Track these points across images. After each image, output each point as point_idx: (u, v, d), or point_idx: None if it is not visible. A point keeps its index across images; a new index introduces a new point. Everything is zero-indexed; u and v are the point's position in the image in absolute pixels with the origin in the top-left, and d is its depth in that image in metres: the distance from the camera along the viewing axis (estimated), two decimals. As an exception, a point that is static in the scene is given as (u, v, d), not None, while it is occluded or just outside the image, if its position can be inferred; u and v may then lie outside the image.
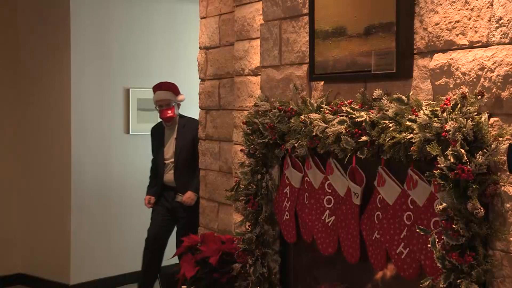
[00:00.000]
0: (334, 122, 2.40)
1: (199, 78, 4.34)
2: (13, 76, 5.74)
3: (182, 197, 4.79)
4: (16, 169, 5.80)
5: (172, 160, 4.91)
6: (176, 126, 4.95)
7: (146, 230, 4.96)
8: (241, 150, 3.06)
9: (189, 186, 4.79)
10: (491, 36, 2.00)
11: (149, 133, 5.24)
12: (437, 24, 2.19)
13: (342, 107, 2.44)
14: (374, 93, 2.31)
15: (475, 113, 1.96)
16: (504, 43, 1.96)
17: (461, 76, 2.08)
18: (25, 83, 5.78)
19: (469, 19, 2.07)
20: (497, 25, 1.98)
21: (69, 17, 5.39)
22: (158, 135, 5.04)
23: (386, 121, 2.18)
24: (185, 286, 3.20)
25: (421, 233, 2.08)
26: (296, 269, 2.98)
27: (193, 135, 4.77)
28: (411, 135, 2.05)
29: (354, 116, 2.32)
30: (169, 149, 4.94)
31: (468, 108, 1.96)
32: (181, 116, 4.98)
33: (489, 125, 1.97)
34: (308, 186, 2.75)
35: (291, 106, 2.71)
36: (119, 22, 5.73)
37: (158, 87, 4.93)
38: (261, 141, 2.83)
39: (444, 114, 1.97)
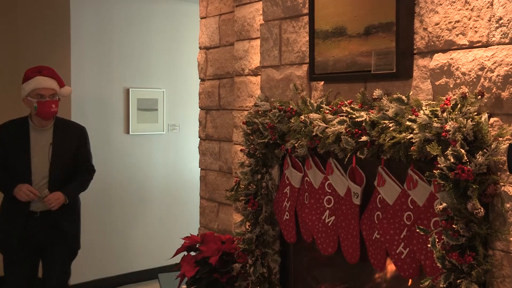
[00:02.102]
0: (334, 122, 2.40)
1: (199, 78, 4.35)
2: (13, 76, 5.74)
3: (45, 193, 3.68)
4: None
5: (46, 175, 3.71)
6: (52, 128, 3.78)
7: (146, 229, 4.91)
8: (241, 150, 3.06)
9: (64, 189, 3.74)
10: (491, 36, 2.00)
11: (150, 133, 5.22)
12: (437, 24, 2.19)
13: (342, 107, 2.44)
14: (374, 93, 2.31)
15: (475, 113, 1.96)
16: (504, 43, 1.96)
17: (461, 76, 2.08)
18: (25, 83, 5.77)
19: (469, 19, 2.07)
20: (497, 25, 1.98)
21: (69, 17, 5.39)
22: (16, 138, 3.72)
23: (386, 121, 2.18)
24: (185, 286, 3.20)
25: (421, 233, 2.08)
26: (296, 269, 2.98)
27: (78, 143, 3.86)
28: (411, 135, 2.05)
29: (354, 116, 2.32)
30: (40, 159, 3.71)
31: (468, 108, 1.96)
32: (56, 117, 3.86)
33: (489, 125, 1.97)
34: (308, 186, 2.75)
35: (291, 106, 2.71)
36: (119, 22, 5.72)
37: (37, 71, 3.75)
38: (261, 141, 2.83)
39: (444, 114, 1.97)
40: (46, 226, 3.75)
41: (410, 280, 2.35)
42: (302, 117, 2.57)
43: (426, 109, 2.05)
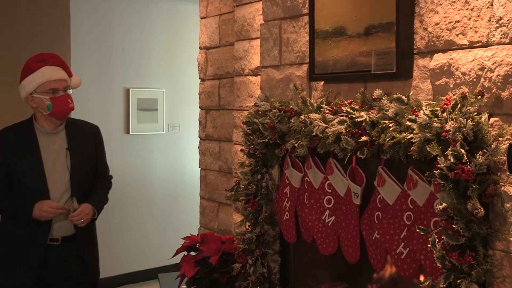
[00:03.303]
0: (334, 122, 2.40)
1: (199, 78, 4.35)
2: (13, 76, 5.74)
3: (75, 206, 2.95)
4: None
5: (67, 188, 2.98)
6: (63, 130, 3.05)
7: (146, 229, 4.91)
8: (241, 150, 3.06)
9: (90, 199, 3.07)
10: (491, 36, 2.00)
11: (150, 133, 5.16)
12: (437, 24, 2.19)
13: (342, 107, 2.44)
14: (374, 93, 2.31)
15: (475, 113, 1.96)
16: (504, 43, 1.96)
17: (461, 76, 2.08)
18: (25, 83, 5.78)
19: (469, 19, 2.07)
20: (497, 25, 1.98)
21: (69, 17, 5.39)
22: (22, 148, 2.96)
23: (386, 121, 2.18)
24: (185, 286, 3.20)
25: (421, 233, 2.08)
26: (296, 269, 2.98)
27: (95, 146, 3.19)
28: (411, 135, 2.05)
29: (354, 116, 2.32)
30: (57, 170, 2.98)
31: (468, 108, 1.96)
32: None
33: (489, 125, 1.97)
34: (308, 186, 2.75)
35: (291, 106, 2.71)
36: (119, 22, 5.73)
37: (40, 60, 2.99)
38: (261, 141, 2.83)
39: (444, 114, 1.97)
40: (68, 256, 3.01)
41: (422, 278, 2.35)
42: (302, 117, 2.57)
43: (426, 109, 2.05)
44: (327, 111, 2.50)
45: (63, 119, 3.02)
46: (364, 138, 2.25)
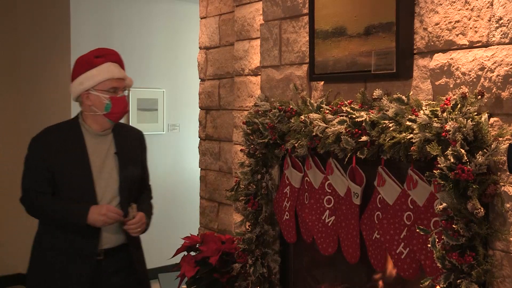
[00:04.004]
0: (334, 122, 2.40)
1: (199, 78, 4.35)
2: (13, 76, 5.74)
3: (134, 214, 2.76)
4: (16, 169, 5.79)
5: (115, 195, 2.78)
6: (111, 132, 2.85)
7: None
8: (241, 150, 3.06)
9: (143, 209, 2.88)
10: (491, 36, 2.00)
11: (150, 133, 5.08)
12: (437, 24, 2.19)
13: (342, 107, 2.44)
14: (374, 93, 2.31)
15: (475, 113, 1.96)
16: (504, 43, 1.96)
17: (461, 76, 2.08)
18: (25, 83, 5.78)
19: (469, 19, 2.07)
20: (497, 25, 1.98)
21: (69, 17, 5.39)
22: (70, 150, 2.74)
23: (386, 121, 2.18)
24: (185, 286, 3.20)
25: (421, 233, 2.08)
26: (296, 269, 2.98)
27: (141, 152, 2.98)
28: (411, 135, 2.05)
29: (354, 116, 2.32)
30: (105, 175, 2.76)
31: (468, 108, 1.96)
32: None
33: (489, 125, 1.97)
34: (308, 186, 2.74)
35: (291, 106, 2.71)
36: (119, 22, 5.73)
37: (100, 55, 2.77)
38: (261, 141, 2.83)
39: (444, 114, 1.97)
40: (118, 268, 2.80)
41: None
42: (302, 117, 2.57)
43: (426, 109, 2.05)
44: (327, 111, 2.50)
45: (118, 121, 2.81)
46: (364, 138, 2.25)
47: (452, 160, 1.91)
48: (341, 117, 2.38)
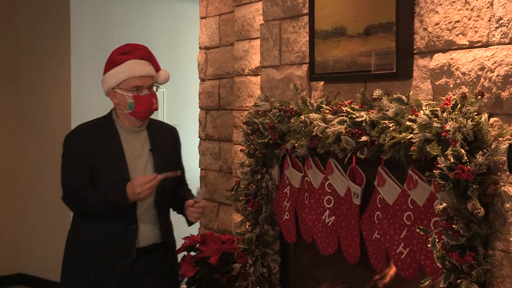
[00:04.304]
0: (334, 122, 2.40)
1: (199, 78, 4.35)
2: (13, 76, 5.74)
3: (202, 197, 2.75)
4: (16, 169, 5.80)
5: (152, 196, 2.68)
6: (145, 129, 2.78)
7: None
8: (241, 150, 3.06)
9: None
10: (491, 36, 2.00)
11: None
12: (437, 24, 2.19)
13: (342, 107, 2.44)
14: (374, 93, 2.31)
15: (475, 113, 1.96)
16: (504, 43, 1.95)
17: (461, 76, 2.08)
18: (25, 83, 5.78)
19: (469, 19, 2.07)
20: (497, 25, 1.98)
21: (69, 17, 5.38)
22: (107, 146, 2.69)
23: (386, 121, 2.18)
24: (185, 286, 3.21)
25: (421, 233, 2.08)
26: (296, 269, 2.98)
27: (175, 149, 2.94)
28: (411, 135, 2.05)
29: (354, 116, 2.32)
30: (141, 172, 2.70)
31: (468, 108, 1.96)
32: None
33: (489, 125, 1.97)
34: (308, 186, 2.74)
35: (291, 106, 2.71)
36: (119, 22, 5.72)
37: (126, 52, 2.73)
38: (261, 141, 2.83)
39: (444, 114, 1.97)
40: (151, 271, 2.72)
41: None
42: (302, 117, 2.57)
43: (426, 109, 2.05)
44: (327, 111, 2.50)
45: (144, 120, 2.73)
46: (364, 138, 2.25)
47: (452, 160, 1.91)
48: (341, 117, 2.38)
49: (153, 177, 2.56)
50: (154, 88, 2.74)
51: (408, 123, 2.08)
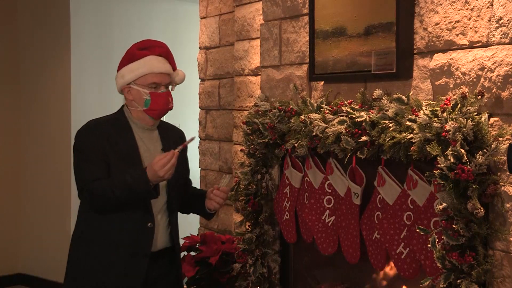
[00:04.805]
0: (334, 122, 2.40)
1: (199, 78, 4.35)
2: (13, 76, 5.74)
3: (225, 182, 2.69)
4: (16, 169, 5.80)
5: (163, 192, 2.61)
6: (156, 128, 2.70)
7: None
8: (241, 150, 3.06)
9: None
10: (491, 36, 2.00)
11: None
12: (437, 24, 2.19)
13: (342, 107, 2.44)
14: (374, 93, 2.31)
15: (475, 113, 1.96)
16: (504, 43, 1.96)
17: (461, 76, 2.08)
18: (25, 83, 5.78)
19: (469, 19, 2.07)
20: (497, 25, 1.98)
21: (69, 17, 5.38)
22: (122, 144, 2.57)
23: (386, 121, 2.18)
24: (185, 286, 3.20)
25: (421, 233, 2.08)
26: (296, 269, 2.98)
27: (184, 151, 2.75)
28: (411, 135, 2.05)
29: (354, 116, 2.32)
30: None
31: (468, 108, 1.96)
32: None
33: (489, 125, 1.97)
34: (308, 186, 2.74)
35: (291, 106, 2.71)
36: (119, 22, 5.72)
37: (144, 47, 2.67)
38: (261, 141, 2.83)
39: (444, 114, 1.97)
40: (161, 277, 2.62)
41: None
42: (302, 117, 2.57)
43: (426, 109, 2.05)
44: (327, 111, 2.50)
45: (158, 118, 2.65)
46: (364, 138, 2.25)
47: (452, 160, 1.91)
48: (341, 117, 2.38)
49: (171, 154, 2.41)
50: (170, 87, 2.66)
51: (408, 123, 2.08)
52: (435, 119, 1.99)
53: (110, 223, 2.52)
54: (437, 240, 2.00)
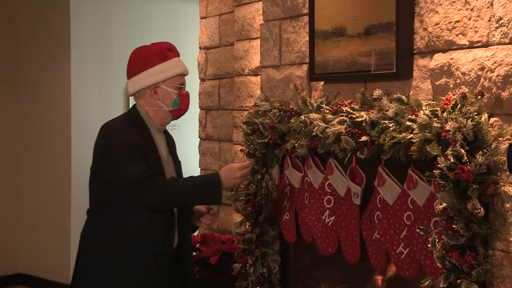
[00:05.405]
0: (334, 122, 2.40)
1: (199, 78, 4.35)
2: (13, 76, 5.74)
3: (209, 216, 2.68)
4: (16, 169, 5.80)
5: None
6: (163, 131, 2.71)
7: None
8: (241, 150, 3.06)
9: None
10: (491, 36, 2.00)
11: None
12: (437, 24, 2.19)
13: (342, 107, 2.44)
14: (374, 93, 2.31)
15: (475, 113, 1.96)
16: (504, 43, 1.96)
17: (461, 76, 2.08)
18: (25, 83, 5.78)
19: (469, 19, 2.07)
20: (497, 25, 1.98)
21: (69, 17, 5.38)
22: (148, 147, 2.55)
23: (386, 121, 2.18)
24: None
25: (421, 233, 2.08)
26: (296, 269, 2.98)
27: (176, 152, 2.84)
28: (411, 135, 2.05)
29: (354, 116, 2.32)
30: (171, 174, 2.66)
31: (468, 108, 1.96)
32: None
33: (489, 125, 1.97)
34: (308, 186, 2.74)
35: (291, 106, 2.71)
36: (119, 22, 5.72)
37: (171, 48, 2.71)
38: (261, 141, 2.83)
39: (444, 114, 1.97)
40: (178, 271, 2.63)
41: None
42: (302, 117, 2.57)
43: (426, 109, 2.05)
44: (327, 111, 2.50)
45: (178, 119, 2.68)
46: (364, 138, 2.25)
47: (452, 160, 1.91)
48: (341, 117, 2.38)
49: (249, 162, 2.55)
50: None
51: (408, 123, 2.08)
52: (435, 119, 1.99)
53: (143, 221, 2.48)
54: (437, 240, 2.00)
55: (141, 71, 2.60)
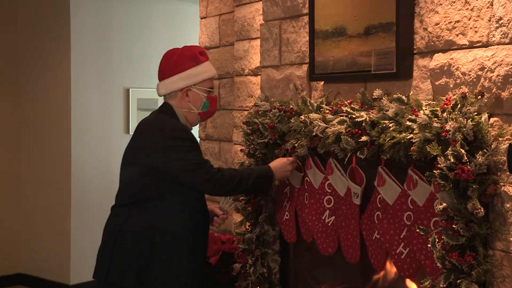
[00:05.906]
0: (334, 122, 2.40)
1: (199, 78, 4.34)
2: (13, 76, 5.74)
3: (228, 203, 2.85)
4: (16, 169, 5.80)
5: None
6: None
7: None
8: (241, 150, 3.06)
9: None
10: (491, 36, 2.00)
11: None
12: (437, 24, 2.19)
13: (342, 107, 2.44)
14: (374, 93, 2.31)
15: (475, 113, 1.96)
16: (504, 43, 1.96)
17: (461, 76, 2.08)
18: (25, 83, 5.78)
19: (469, 19, 2.07)
20: (497, 25, 1.98)
21: (69, 17, 5.39)
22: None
23: (386, 121, 2.18)
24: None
25: (421, 233, 2.08)
26: (296, 269, 2.98)
27: None
28: (411, 135, 2.05)
29: (354, 116, 2.32)
30: None
31: (468, 108, 1.96)
32: None
33: (489, 125, 1.97)
34: (308, 186, 2.75)
35: (291, 106, 2.71)
36: (119, 22, 5.72)
37: (202, 52, 2.75)
38: (261, 141, 2.83)
39: (444, 114, 1.97)
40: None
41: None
42: (302, 117, 2.58)
43: (426, 109, 2.05)
44: (327, 111, 2.50)
45: (205, 120, 2.86)
46: (364, 138, 2.25)
47: (452, 160, 1.91)
48: (341, 117, 2.38)
49: (295, 158, 2.72)
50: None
51: (408, 123, 2.08)
52: (435, 119, 1.99)
53: (192, 210, 2.62)
54: (437, 240, 2.00)
55: (174, 74, 2.67)
